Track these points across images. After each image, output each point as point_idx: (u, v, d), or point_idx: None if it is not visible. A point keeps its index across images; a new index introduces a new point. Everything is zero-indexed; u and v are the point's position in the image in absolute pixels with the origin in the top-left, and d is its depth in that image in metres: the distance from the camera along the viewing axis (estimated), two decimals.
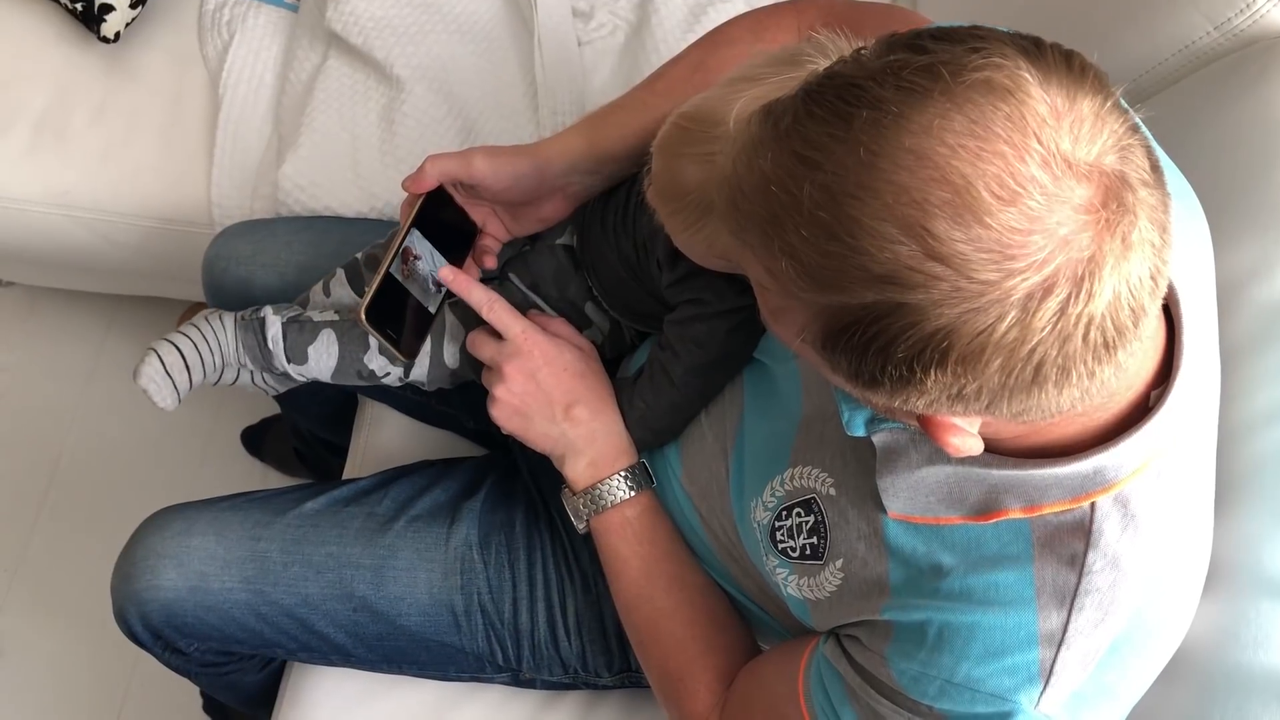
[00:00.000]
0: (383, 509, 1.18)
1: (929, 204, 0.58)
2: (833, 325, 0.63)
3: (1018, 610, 0.75)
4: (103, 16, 1.52)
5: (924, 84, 0.60)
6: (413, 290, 1.04)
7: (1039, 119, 0.59)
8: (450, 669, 1.19)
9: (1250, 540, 0.88)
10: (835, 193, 0.60)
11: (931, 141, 0.59)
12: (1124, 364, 0.63)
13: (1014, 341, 0.60)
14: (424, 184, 1.03)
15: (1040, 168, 0.58)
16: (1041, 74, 0.60)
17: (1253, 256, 0.96)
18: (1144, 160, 0.61)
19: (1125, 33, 1.16)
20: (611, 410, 1.06)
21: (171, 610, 1.15)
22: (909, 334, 0.61)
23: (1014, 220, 0.58)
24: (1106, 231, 0.59)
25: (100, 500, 1.85)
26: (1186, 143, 0.98)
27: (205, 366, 1.16)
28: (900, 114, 0.59)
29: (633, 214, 1.05)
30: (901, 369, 0.62)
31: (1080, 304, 0.59)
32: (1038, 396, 0.63)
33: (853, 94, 0.61)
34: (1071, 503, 0.74)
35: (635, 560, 1.05)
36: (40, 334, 1.99)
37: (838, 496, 0.87)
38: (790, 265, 0.63)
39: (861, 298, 0.61)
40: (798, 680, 0.89)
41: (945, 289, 0.59)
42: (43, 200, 1.54)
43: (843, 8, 1.04)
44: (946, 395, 0.63)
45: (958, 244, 0.58)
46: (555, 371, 1.05)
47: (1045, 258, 0.58)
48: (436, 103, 1.47)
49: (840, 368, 0.66)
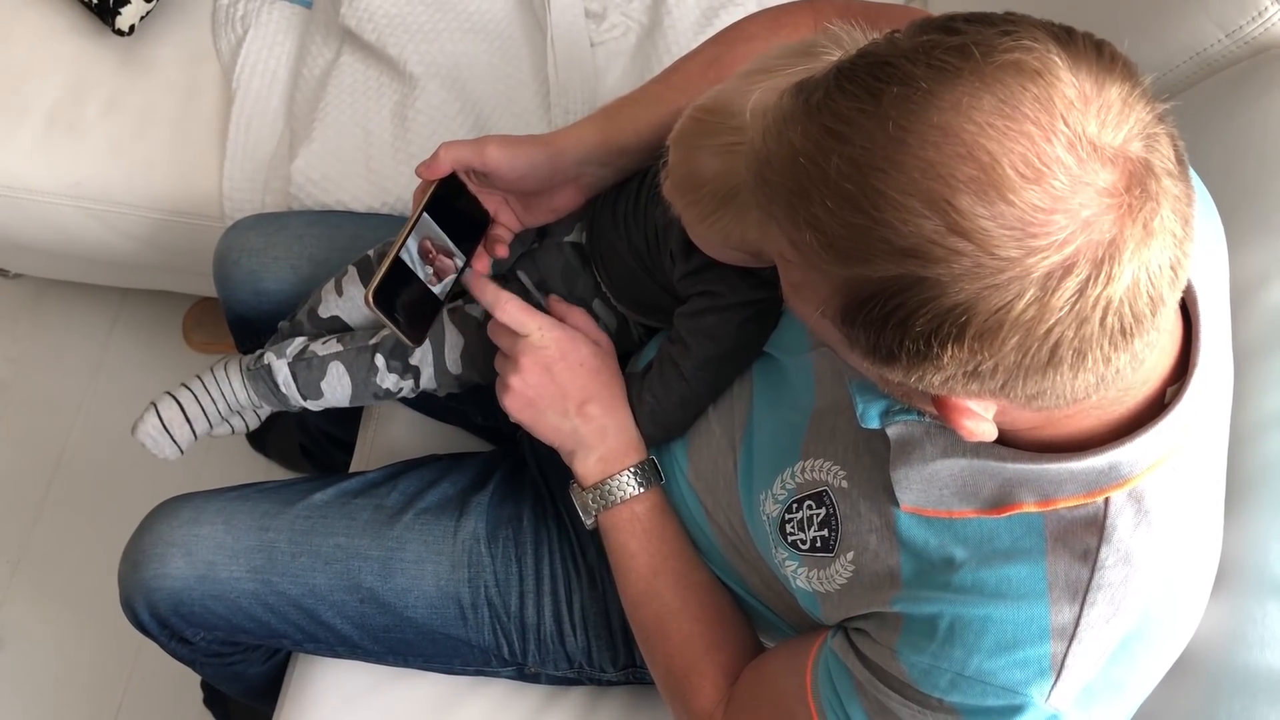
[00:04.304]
0: (391, 501, 1.19)
1: (954, 179, 0.59)
2: (853, 299, 0.64)
3: (1030, 604, 0.76)
4: (117, 10, 1.53)
5: (955, 63, 0.61)
6: (422, 276, 1.05)
7: (1067, 102, 0.60)
8: (456, 662, 1.19)
9: (1258, 541, 0.89)
10: (862, 165, 0.61)
11: (960, 119, 0.59)
12: (1140, 354, 0.64)
13: (1032, 320, 0.60)
14: (437, 170, 1.04)
15: (1066, 149, 0.59)
16: (1071, 59, 0.61)
17: (1263, 261, 0.97)
18: (1169, 151, 0.62)
19: (1137, 40, 1.17)
20: (623, 407, 1.06)
21: (179, 599, 1.16)
22: (928, 308, 0.61)
23: (1037, 199, 0.59)
24: (1129, 216, 0.60)
25: (104, 493, 1.85)
26: (1197, 149, 0.97)
27: (209, 417, 1.21)
28: (930, 91, 0.60)
29: (644, 206, 1.06)
30: (919, 343, 0.63)
31: (1099, 286, 0.60)
32: (1053, 378, 0.63)
33: (885, 71, 0.62)
34: (1086, 497, 0.74)
35: (643, 556, 1.05)
36: (47, 326, 2.00)
37: (850, 489, 0.88)
38: (814, 237, 0.63)
39: (883, 270, 0.62)
40: (805, 676, 0.89)
41: (966, 264, 0.60)
42: (54, 191, 1.54)
43: (859, 6, 1.05)
44: (963, 372, 0.64)
45: (981, 219, 0.59)
46: (570, 366, 1.05)
47: (1066, 238, 0.59)
48: (449, 100, 1.48)
49: (859, 343, 0.66)
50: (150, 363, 1.95)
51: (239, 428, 1.26)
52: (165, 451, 1.21)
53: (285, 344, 1.19)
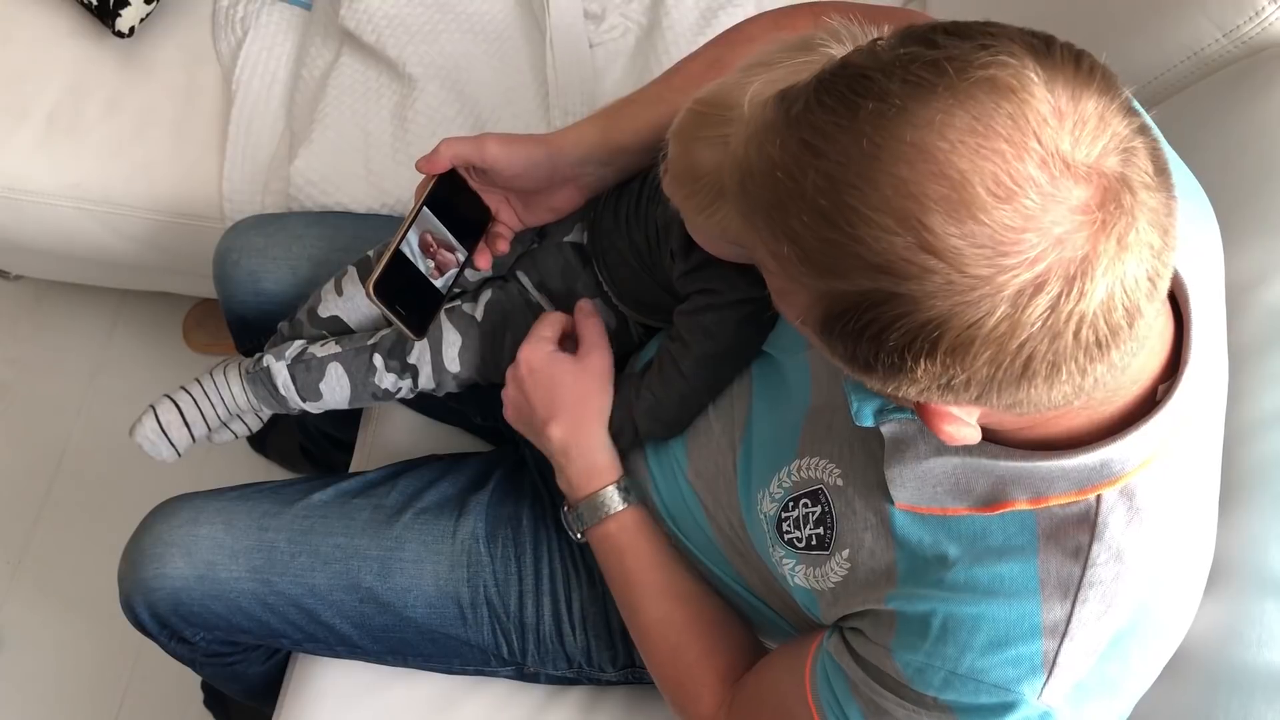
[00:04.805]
0: (390, 501, 1.19)
1: (926, 198, 0.59)
2: (830, 310, 0.65)
3: (1022, 601, 0.76)
4: (117, 11, 1.53)
5: (930, 79, 0.60)
6: (422, 269, 1.05)
7: (1040, 118, 0.59)
8: (455, 662, 1.19)
9: (1255, 540, 0.89)
10: (837, 181, 0.61)
11: (933, 136, 0.60)
12: (1119, 363, 0.64)
13: (1003, 335, 0.61)
14: (437, 164, 1.04)
15: (1038, 167, 0.59)
16: (1048, 74, 0.61)
17: (1260, 260, 0.97)
18: (1148, 163, 0.62)
19: (1134, 39, 1.17)
20: (592, 428, 1.06)
21: (178, 599, 1.16)
22: (901, 323, 0.62)
23: (1008, 218, 0.59)
24: (1102, 232, 0.60)
25: (104, 495, 1.85)
26: (1195, 148, 0.98)
27: (208, 421, 1.22)
28: (904, 108, 0.60)
29: (645, 204, 1.06)
30: (893, 357, 0.63)
31: (1072, 302, 0.60)
32: (1027, 390, 0.64)
33: (862, 85, 0.62)
34: (1078, 494, 0.75)
35: (618, 573, 1.07)
36: (47, 327, 2.00)
37: (845, 487, 0.88)
38: (792, 250, 0.64)
39: (857, 285, 0.62)
40: (804, 677, 0.90)
41: (938, 281, 0.60)
42: (54, 193, 1.55)
43: (861, 8, 1.05)
44: (936, 385, 0.64)
45: (952, 238, 0.59)
46: (539, 384, 1.06)
47: (1038, 255, 0.59)
48: (448, 101, 1.48)
49: (837, 351, 0.67)
50: (151, 364, 1.95)
51: (240, 433, 1.27)
52: (162, 454, 1.21)
53: (284, 346, 1.19)
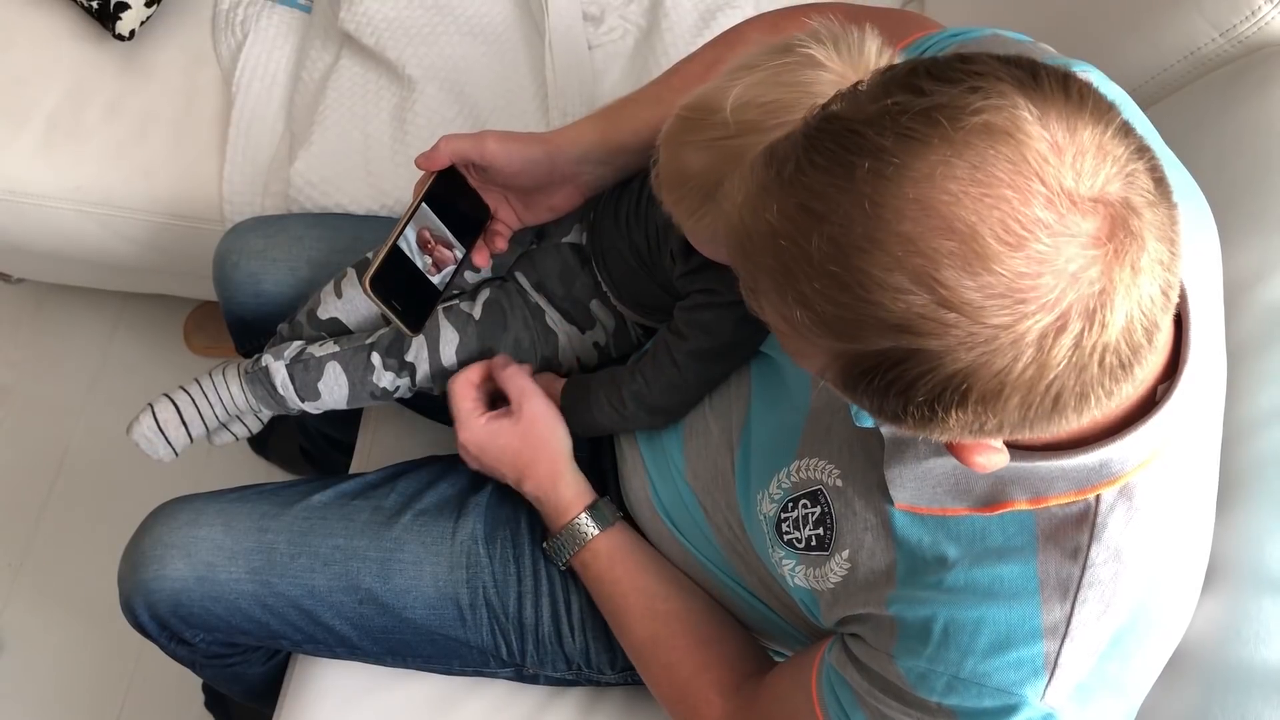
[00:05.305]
0: (389, 503, 1.19)
1: (937, 254, 0.58)
2: (851, 369, 0.64)
3: (1022, 603, 0.76)
4: (118, 14, 1.54)
5: (923, 130, 0.59)
6: (420, 265, 1.05)
7: (1040, 158, 0.58)
8: (454, 663, 1.19)
9: (1252, 538, 0.89)
10: (843, 245, 0.60)
11: (935, 190, 0.58)
12: (1140, 376, 0.64)
13: (1032, 379, 0.60)
14: (437, 161, 1.05)
15: (1045, 208, 0.58)
16: (1040, 109, 0.60)
17: (1257, 259, 0.97)
18: (1148, 180, 0.61)
19: (1130, 39, 1.17)
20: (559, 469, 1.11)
21: (178, 600, 1.16)
22: (928, 378, 0.61)
23: (1022, 265, 0.58)
24: (1116, 262, 0.59)
25: (105, 497, 1.85)
26: (1191, 148, 0.98)
27: (206, 420, 1.22)
28: (902, 164, 0.59)
29: (645, 205, 1.07)
30: (924, 410, 0.63)
31: (1094, 335, 0.60)
32: (1059, 422, 0.64)
33: (853, 142, 0.61)
34: (1077, 494, 0.75)
35: (602, 598, 1.10)
36: (49, 331, 2.00)
37: (844, 488, 0.88)
38: (805, 315, 0.63)
39: (877, 344, 0.61)
40: (811, 689, 0.90)
41: (960, 335, 0.59)
42: (55, 195, 1.55)
43: (857, 11, 1.05)
44: (968, 430, 0.64)
45: (968, 291, 0.58)
46: (492, 458, 1.13)
47: (1056, 297, 0.58)
48: (448, 103, 1.49)
49: (863, 404, 0.66)
50: (151, 367, 1.95)
51: (240, 434, 1.27)
52: (159, 453, 1.21)
53: (283, 347, 1.19)
